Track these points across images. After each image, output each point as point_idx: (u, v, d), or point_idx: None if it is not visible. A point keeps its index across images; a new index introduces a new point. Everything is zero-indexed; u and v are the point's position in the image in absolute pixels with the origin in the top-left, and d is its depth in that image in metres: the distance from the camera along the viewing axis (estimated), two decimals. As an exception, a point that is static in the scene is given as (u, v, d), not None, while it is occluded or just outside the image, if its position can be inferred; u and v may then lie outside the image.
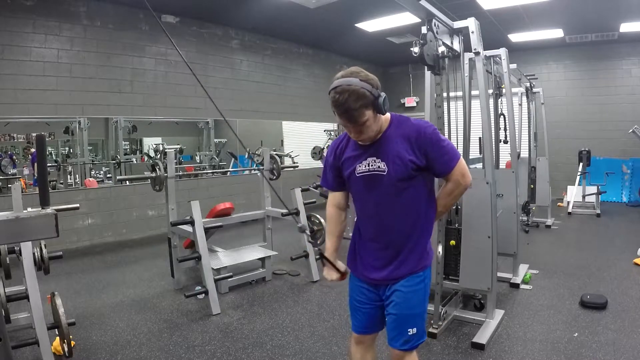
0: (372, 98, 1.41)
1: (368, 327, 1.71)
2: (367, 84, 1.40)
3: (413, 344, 1.57)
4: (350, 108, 1.39)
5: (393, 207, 1.55)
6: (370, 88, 1.40)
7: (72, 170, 5.93)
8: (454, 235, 2.96)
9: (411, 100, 10.35)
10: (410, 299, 1.56)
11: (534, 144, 6.23)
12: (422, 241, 1.60)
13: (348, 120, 1.44)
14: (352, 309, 1.74)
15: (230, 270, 3.73)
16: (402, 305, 1.56)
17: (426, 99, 3.10)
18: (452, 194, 1.63)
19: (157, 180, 3.61)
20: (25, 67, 4.92)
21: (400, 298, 1.56)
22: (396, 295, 1.57)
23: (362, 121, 1.42)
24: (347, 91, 1.38)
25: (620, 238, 5.34)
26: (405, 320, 1.56)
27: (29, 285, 2.38)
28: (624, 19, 6.55)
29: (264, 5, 5.88)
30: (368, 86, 1.40)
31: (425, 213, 1.60)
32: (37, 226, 1.19)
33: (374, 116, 1.46)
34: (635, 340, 2.65)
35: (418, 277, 1.58)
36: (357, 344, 1.75)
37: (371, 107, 1.42)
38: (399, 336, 1.56)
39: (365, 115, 1.42)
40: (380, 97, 1.43)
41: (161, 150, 7.02)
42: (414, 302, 1.57)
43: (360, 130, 1.47)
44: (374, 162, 1.53)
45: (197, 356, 2.61)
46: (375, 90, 1.42)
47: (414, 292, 1.56)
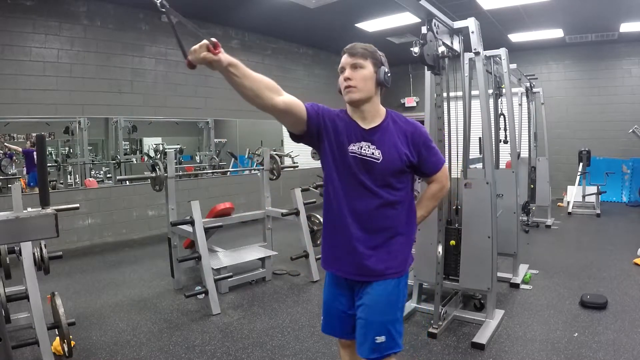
0: (379, 58, 1.51)
1: (346, 332, 1.60)
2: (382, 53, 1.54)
3: (381, 353, 1.46)
4: (358, 45, 1.49)
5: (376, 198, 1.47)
6: (382, 55, 1.53)
7: (72, 170, 5.94)
8: (454, 235, 2.96)
9: (411, 100, 10.35)
10: (381, 303, 1.46)
11: (534, 144, 6.23)
12: (401, 244, 1.52)
13: (349, 54, 1.48)
14: (325, 312, 1.65)
15: (230, 270, 3.73)
16: (371, 309, 1.46)
17: (426, 99, 3.10)
18: (435, 195, 1.63)
19: (157, 180, 3.61)
20: (25, 67, 4.92)
21: (370, 302, 1.47)
22: (366, 298, 1.48)
23: (359, 61, 1.46)
24: (361, 43, 1.52)
25: (620, 238, 5.34)
26: (372, 327, 1.45)
27: (29, 285, 2.38)
28: (624, 19, 6.55)
29: (264, 5, 5.88)
30: (381, 54, 1.53)
31: (407, 214, 1.54)
32: (37, 226, 1.20)
33: (373, 77, 1.48)
34: (635, 340, 2.65)
35: (393, 281, 1.49)
36: (343, 347, 1.70)
37: (374, 64, 1.49)
38: (365, 343, 1.46)
39: (366, 60, 1.47)
40: (384, 65, 1.51)
41: (161, 150, 7.03)
42: (384, 308, 1.47)
43: (352, 73, 1.46)
44: (369, 148, 1.48)
45: (197, 356, 2.61)
46: (385, 62, 1.53)
47: (386, 297, 1.47)
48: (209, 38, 1.20)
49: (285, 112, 1.38)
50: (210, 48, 1.20)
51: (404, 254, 1.54)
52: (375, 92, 1.51)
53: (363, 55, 1.47)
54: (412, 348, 2.65)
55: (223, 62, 1.22)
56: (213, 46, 1.20)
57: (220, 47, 1.22)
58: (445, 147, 2.85)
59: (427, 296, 3.26)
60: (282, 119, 1.42)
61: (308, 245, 3.99)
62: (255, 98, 1.31)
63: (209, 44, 1.20)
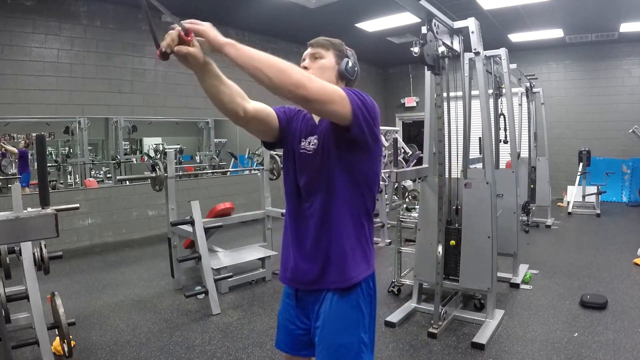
0: (344, 51, 1.39)
1: (292, 347, 1.41)
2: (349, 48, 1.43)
3: None
4: (320, 38, 1.38)
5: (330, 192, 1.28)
6: (345, 48, 1.41)
7: (72, 170, 5.94)
8: (454, 235, 2.96)
9: (411, 100, 10.35)
10: (341, 324, 1.26)
11: (534, 144, 6.23)
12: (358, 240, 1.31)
13: (311, 45, 1.37)
14: (278, 322, 1.46)
15: (230, 270, 3.73)
16: (328, 331, 1.26)
17: (426, 99, 3.11)
18: (282, 66, 1.09)
19: (157, 180, 3.61)
20: (25, 67, 4.92)
21: (329, 323, 1.26)
22: (322, 320, 1.28)
23: (319, 51, 1.35)
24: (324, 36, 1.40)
25: (620, 238, 5.34)
26: (331, 350, 1.25)
27: (29, 285, 2.38)
28: (624, 19, 6.55)
29: (264, 5, 5.88)
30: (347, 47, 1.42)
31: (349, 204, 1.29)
32: (37, 226, 1.20)
33: (333, 66, 1.35)
34: (635, 340, 2.65)
35: (349, 297, 1.27)
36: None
37: (336, 56, 1.37)
38: None
39: (327, 50, 1.36)
40: (350, 59, 1.39)
41: (161, 150, 7.03)
42: (343, 328, 1.26)
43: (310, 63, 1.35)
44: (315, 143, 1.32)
45: (197, 356, 2.61)
46: (352, 56, 1.41)
47: (347, 315, 1.26)
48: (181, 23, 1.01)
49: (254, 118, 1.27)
50: (182, 35, 1.00)
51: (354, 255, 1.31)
52: (336, 84, 1.32)
53: (324, 46, 1.36)
54: (412, 348, 2.65)
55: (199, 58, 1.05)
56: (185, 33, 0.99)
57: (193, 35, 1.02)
58: (445, 147, 2.85)
59: (427, 296, 3.26)
60: (252, 127, 1.30)
61: (308, 245, 3.99)
62: (228, 103, 1.18)
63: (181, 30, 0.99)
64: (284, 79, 1.05)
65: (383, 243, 5.27)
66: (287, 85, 1.06)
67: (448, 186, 2.98)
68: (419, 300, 3.21)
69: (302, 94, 1.06)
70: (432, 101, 2.93)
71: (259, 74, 1.06)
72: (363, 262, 1.30)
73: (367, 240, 1.33)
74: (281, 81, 1.05)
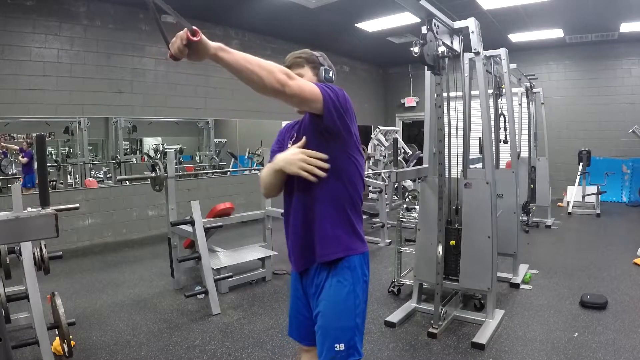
0: (316, 60, 1.51)
1: (304, 338, 1.56)
2: (319, 55, 1.54)
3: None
4: (292, 56, 1.50)
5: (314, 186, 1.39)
6: (319, 55, 1.53)
7: (72, 170, 5.94)
8: (454, 235, 2.96)
9: (411, 100, 10.35)
10: (337, 308, 1.39)
11: (534, 144, 6.23)
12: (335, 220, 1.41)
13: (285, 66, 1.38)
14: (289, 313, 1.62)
15: (230, 270, 3.73)
16: (327, 316, 1.39)
17: (426, 99, 3.11)
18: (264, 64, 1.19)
19: (157, 180, 3.61)
20: (25, 67, 4.91)
21: (326, 308, 1.40)
22: (322, 304, 1.42)
23: (298, 72, 1.45)
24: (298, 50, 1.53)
25: (620, 238, 5.34)
26: (330, 334, 1.38)
27: (29, 285, 2.38)
28: (624, 19, 6.55)
29: (264, 5, 5.88)
30: (318, 54, 1.53)
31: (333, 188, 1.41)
32: (37, 226, 1.20)
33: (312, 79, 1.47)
34: (635, 340, 2.65)
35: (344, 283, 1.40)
36: (302, 352, 1.62)
37: (312, 68, 1.50)
38: (324, 352, 1.38)
39: (302, 68, 1.48)
40: (324, 66, 1.52)
41: (161, 150, 7.03)
42: (341, 313, 1.39)
43: None
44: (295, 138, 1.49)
45: (197, 356, 2.61)
46: (325, 61, 1.54)
47: (342, 302, 1.39)
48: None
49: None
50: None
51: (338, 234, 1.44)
52: None
53: (298, 64, 1.48)
54: (412, 348, 2.65)
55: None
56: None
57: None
58: (445, 147, 2.85)
59: (427, 296, 3.26)
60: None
61: (308, 245, 3.98)
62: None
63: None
64: (271, 78, 1.17)
65: (383, 243, 5.27)
66: (274, 84, 1.17)
67: (448, 186, 2.98)
68: (419, 300, 3.21)
69: (285, 91, 1.19)
70: (432, 101, 2.93)
71: (251, 75, 1.15)
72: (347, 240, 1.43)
73: (352, 226, 1.44)
74: (269, 81, 1.17)
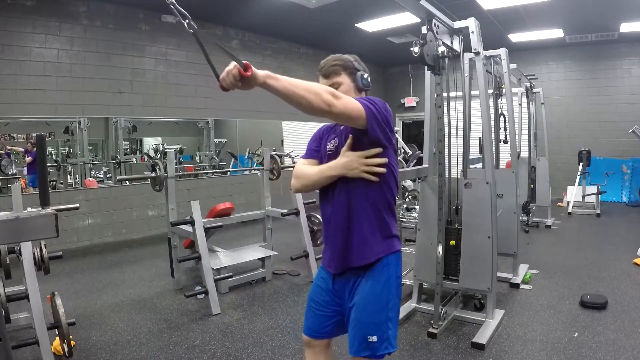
0: (352, 66, 1.54)
1: (315, 330, 1.62)
2: (352, 58, 1.56)
3: (372, 353, 1.45)
4: (327, 64, 1.54)
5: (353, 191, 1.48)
6: (352, 60, 1.55)
7: (72, 170, 5.93)
8: (454, 235, 2.96)
9: (411, 100, 10.35)
10: (372, 304, 1.46)
11: (534, 144, 6.23)
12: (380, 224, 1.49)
13: (323, 76, 1.53)
14: (306, 307, 1.67)
15: (230, 270, 3.73)
16: (363, 310, 1.47)
17: (426, 99, 3.10)
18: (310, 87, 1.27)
19: (157, 180, 3.61)
20: (25, 67, 4.92)
21: (362, 303, 1.47)
22: (357, 298, 1.49)
23: (335, 81, 1.51)
24: (332, 56, 1.56)
25: (620, 238, 5.34)
26: (364, 326, 1.46)
27: (29, 285, 2.38)
28: (624, 19, 6.55)
29: (263, 5, 5.88)
30: (352, 59, 1.56)
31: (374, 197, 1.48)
32: (37, 226, 1.19)
33: (352, 87, 1.53)
34: (635, 340, 2.65)
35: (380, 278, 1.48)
36: (307, 346, 1.67)
37: (349, 74, 1.54)
38: (357, 342, 1.46)
39: (339, 76, 1.52)
40: (360, 71, 1.55)
41: (161, 150, 7.03)
42: (375, 308, 1.46)
43: None
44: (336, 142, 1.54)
45: (197, 356, 2.61)
46: (359, 65, 1.56)
47: (377, 298, 1.47)
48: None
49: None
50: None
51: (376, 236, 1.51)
52: (357, 96, 1.51)
53: (336, 72, 1.52)
54: (412, 348, 2.65)
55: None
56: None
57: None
58: (445, 147, 2.85)
59: (427, 296, 3.26)
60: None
61: (308, 245, 3.99)
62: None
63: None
64: (318, 101, 1.25)
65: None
66: (321, 106, 1.25)
67: (448, 186, 2.98)
68: (419, 300, 3.21)
69: (332, 111, 1.27)
70: (432, 101, 2.93)
71: (299, 100, 1.24)
72: (383, 243, 1.49)
73: (388, 228, 1.51)
74: (317, 103, 1.25)
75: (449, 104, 2.87)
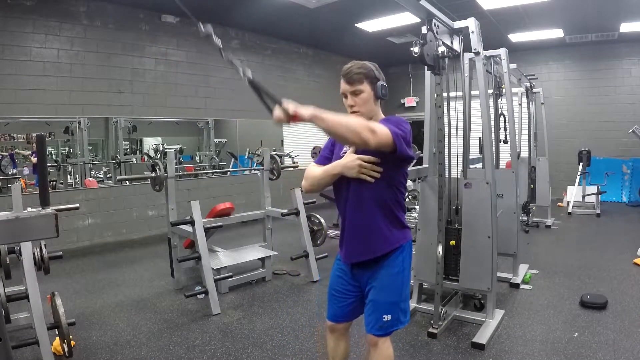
0: (374, 75, 1.65)
1: (339, 316, 1.82)
2: (373, 66, 1.68)
3: (386, 330, 1.67)
4: (352, 71, 1.63)
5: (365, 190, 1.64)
6: (374, 69, 1.66)
7: (72, 170, 5.93)
8: (454, 235, 2.96)
9: (411, 100, 10.35)
10: (388, 286, 1.67)
11: (534, 144, 6.23)
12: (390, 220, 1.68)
13: (347, 81, 1.63)
14: (328, 297, 1.86)
15: (230, 270, 3.73)
16: (379, 292, 1.67)
17: (426, 99, 3.10)
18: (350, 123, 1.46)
19: (157, 180, 3.61)
20: (25, 67, 4.92)
21: (379, 285, 1.68)
22: (375, 283, 1.68)
23: (358, 88, 1.63)
24: (356, 63, 1.66)
25: (620, 238, 5.34)
26: (380, 307, 1.66)
27: (29, 285, 2.38)
28: (624, 19, 6.55)
29: (264, 5, 5.88)
30: (373, 67, 1.67)
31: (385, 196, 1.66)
32: (37, 226, 1.19)
33: (372, 95, 1.65)
34: (635, 340, 2.65)
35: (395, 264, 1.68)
36: (330, 332, 1.87)
37: (370, 82, 1.64)
38: (373, 322, 1.67)
39: (362, 84, 1.63)
40: (380, 80, 1.67)
41: (161, 150, 7.02)
42: (390, 290, 1.67)
43: (354, 100, 1.64)
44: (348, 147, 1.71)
45: (197, 356, 2.61)
46: (379, 74, 1.68)
47: (392, 281, 1.68)
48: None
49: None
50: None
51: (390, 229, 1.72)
52: (375, 105, 1.70)
53: (359, 80, 1.62)
54: (412, 348, 2.65)
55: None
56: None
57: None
58: (445, 147, 2.85)
59: (427, 296, 3.26)
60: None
61: (308, 245, 3.99)
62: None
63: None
64: (357, 139, 1.44)
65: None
66: (359, 142, 1.45)
67: (448, 186, 2.98)
68: (419, 300, 3.21)
69: (369, 145, 1.46)
70: (432, 101, 2.93)
71: (341, 137, 1.45)
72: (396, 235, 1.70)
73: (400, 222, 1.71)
74: (356, 140, 1.44)
75: (449, 104, 2.87)
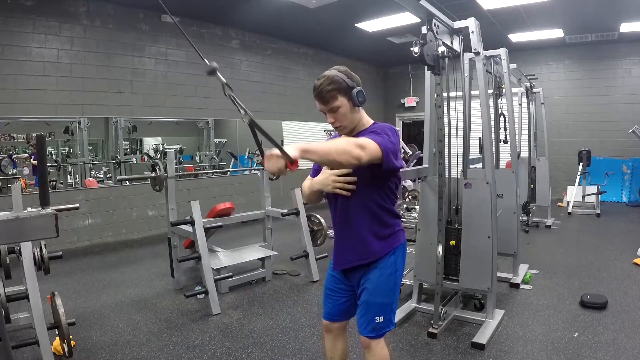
0: (346, 85, 1.57)
1: (334, 315, 1.83)
2: (344, 75, 1.59)
3: (379, 331, 1.67)
4: (323, 90, 1.57)
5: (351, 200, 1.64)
6: (345, 78, 1.58)
7: (72, 170, 5.93)
8: (454, 235, 2.96)
9: (411, 100, 10.35)
10: (381, 288, 1.67)
11: (534, 144, 6.23)
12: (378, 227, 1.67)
13: (320, 101, 1.59)
14: (323, 296, 1.87)
15: (230, 270, 3.73)
16: (372, 294, 1.67)
17: (426, 99, 3.10)
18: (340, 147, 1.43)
19: (157, 180, 3.61)
20: (25, 67, 4.91)
21: (371, 286, 1.67)
22: (367, 284, 1.68)
23: (334, 105, 1.57)
24: (324, 77, 1.58)
25: (620, 238, 5.34)
26: (373, 308, 1.66)
27: (29, 285, 2.38)
28: (624, 19, 6.55)
29: (263, 5, 5.88)
30: (344, 76, 1.58)
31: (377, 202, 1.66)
32: (37, 226, 1.19)
33: (349, 106, 1.59)
34: (635, 340, 2.65)
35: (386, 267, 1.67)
36: (326, 331, 1.87)
37: (344, 94, 1.57)
38: (365, 323, 1.67)
39: (337, 100, 1.57)
40: (354, 88, 1.58)
41: (161, 150, 7.02)
42: (383, 292, 1.67)
43: (333, 117, 1.61)
44: None
45: (197, 356, 2.61)
46: (351, 82, 1.59)
47: (385, 282, 1.68)
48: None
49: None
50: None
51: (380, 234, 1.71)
52: (357, 113, 1.64)
53: (333, 97, 1.56)
54: (412, 348, 2.65)
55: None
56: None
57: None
58: (445, 147, 2.85)
59: (427, 296, 3.26)
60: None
61: (308, 245, 3.99)
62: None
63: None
64: (349, 159, 1.41)
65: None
66: (352, 162, 1.42)
67: (448, 186, 2.98)
68: (419, 300, 3.21)
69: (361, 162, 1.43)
70: (432, 101, 2.93)
71: (333, 163, 1.43)
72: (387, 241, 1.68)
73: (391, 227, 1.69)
74: (349, 161, 1.41)
75: (449, 104, 2.87)
